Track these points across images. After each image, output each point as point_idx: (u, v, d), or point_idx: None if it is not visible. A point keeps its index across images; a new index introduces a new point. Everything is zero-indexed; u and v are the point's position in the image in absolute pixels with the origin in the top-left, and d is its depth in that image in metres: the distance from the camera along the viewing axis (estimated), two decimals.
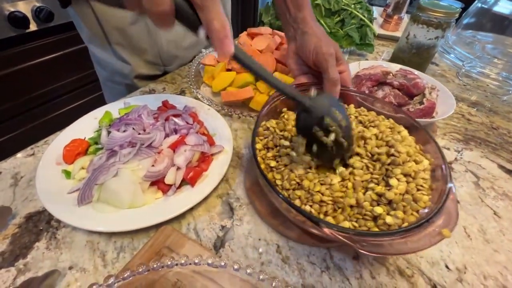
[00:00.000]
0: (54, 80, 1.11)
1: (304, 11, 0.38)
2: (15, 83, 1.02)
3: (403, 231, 0.21)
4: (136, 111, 0.35)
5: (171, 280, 0.23)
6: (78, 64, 1.13)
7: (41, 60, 1.06)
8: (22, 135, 1.09)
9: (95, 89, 1.23)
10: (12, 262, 0.25)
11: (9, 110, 1.04)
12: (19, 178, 0.32)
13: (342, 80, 0.35)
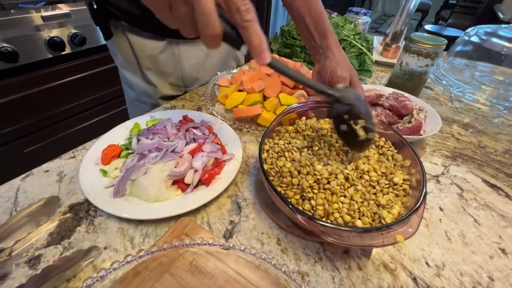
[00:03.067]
0: (82, 95, 1.23)
1: (328, 39, 0.44)
2: (50, 97, 1.14)
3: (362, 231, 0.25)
4: (162, 123, 0.42)
5: (188, 259, 0.28)
6: (104, 82, 1.25)
7: (72, 78, 1.17)
8: (55, 142, 1.19)
9: (118, 105, 1.34)
10: (59, 241, 0.30)
11: (46, 119, 1.15)
12: (63, 175, 0.38)
13: None
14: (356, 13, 0.86)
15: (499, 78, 0.62)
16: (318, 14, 0.44)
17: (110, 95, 1.31)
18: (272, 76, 0.55)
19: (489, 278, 0.30)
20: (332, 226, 0.25)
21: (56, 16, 1.05)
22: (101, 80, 1.25)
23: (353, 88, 0.38)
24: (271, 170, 0.32)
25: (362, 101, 0.32)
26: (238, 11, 0.21)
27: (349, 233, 0.25)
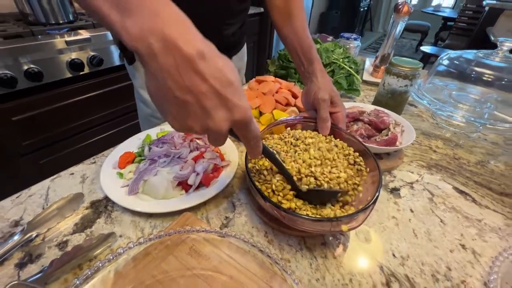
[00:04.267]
0: (96, 111, 1.33)
1: (314, 65, 0.50)
2: (67, 113, 1.24)
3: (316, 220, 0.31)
4: (170, 134, 0.49)
5: (189, 244, 0.33)
6: (116, 99, 1.36)
7: (88, 96, 1.28)
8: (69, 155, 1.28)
9: (128, 120, 1.44)
10: (82, 229, 0.37)
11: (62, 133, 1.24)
12: (86, 177, 0.45)
13: (335, 119, 0.47)
14: (347, 38, 0.95)
15: (475, 97, 0.68)
16: (307, 45, 0.52)
17: (122, 111, 1.41)
18: (267, 95, 0.62)
19: (447, 268, 0.35)
20: (289, 213, 0.31)
21: (78, 40, 1.17)
22: (114, 97, 1.36)
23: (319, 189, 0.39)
24: (253, 168, 0.38)
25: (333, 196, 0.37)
26: (249, 144, 0.28)
27: (303, 220, 0.30)
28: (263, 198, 0.33)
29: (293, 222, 0.32)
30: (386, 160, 0.52)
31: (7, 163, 1.19)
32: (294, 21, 0.53)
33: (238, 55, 0.74)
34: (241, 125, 0.25)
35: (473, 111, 0.65)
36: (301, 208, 0.35)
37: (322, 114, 0.44)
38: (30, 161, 1.23)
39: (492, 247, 0.38)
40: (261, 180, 0.37)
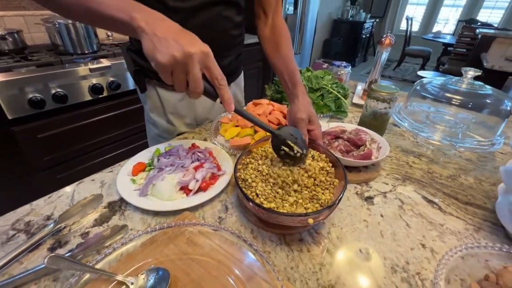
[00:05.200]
0: (111, 130, 1.45)
1: (297, 88, 0.60)
2: (85, 131, 1.36)
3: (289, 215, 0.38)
4: (176, 148, 0.58)
5: (186, 236, 0.41)
6: (129, 120, 1.48)
7: (105, 116, 1.41)
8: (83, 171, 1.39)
9: (138, 139, 1.55)
10: (101, 223, 0.44)
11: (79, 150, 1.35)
12: (104, 183, 0.54)
13: (313, 135, 0.56)
14: (338, 66, 1.05)
15: (449, 118, 0.75)
16: (292, 71, 0.62)
17: (133, 131, 1.53)
18: (261, 116, 0.71)
19: (405, 262, 0.41)
20: (268, 210, 0.38)
21: (100, 68, 1.32)
22: (127, 118, 1.49)
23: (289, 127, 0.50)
24: (240, 176, 0.46)
25: (295, 134, 0.47)
26: (217, 79, 0.38)
27: (279, 216, 0.38)
28: (248, 200, 0.40)
29: (272, 218, 0.40)
30: (364, 172, 0.59)
31: (28, 177, 1.30)
32: (281, 50, 0.64)
33: (235, 82, 0.84)
34: (203, 54, 0.36)
35: (449, 131, 0.72)
36: (278, 207, 0.42)
37: (301, 132, 0.53)
38: (48, 176, 1.34)
39: (449, 247, 0.43)
40: (246, 186, 0.45)
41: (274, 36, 0.67)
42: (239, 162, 0.48)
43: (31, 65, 1.20)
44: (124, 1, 0.39)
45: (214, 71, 0.38)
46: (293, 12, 2.61)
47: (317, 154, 0.51)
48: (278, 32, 0.68)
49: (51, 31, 1.33)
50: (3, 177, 1.22)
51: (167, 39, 0.35)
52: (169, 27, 0.37)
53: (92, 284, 0.34)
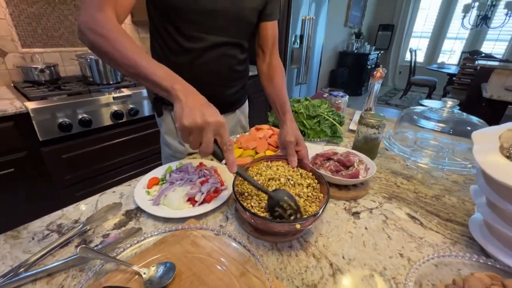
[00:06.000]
0: (127, 152, 1.57)
1: (286, 115, 0.70)
2: (104, 153, 1.48)
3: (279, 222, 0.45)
4: (185, 165, 0.66)
5: (191, 238, 0.47)
6: (145, 143, 1.60)
7: (123, 139, 1.53)
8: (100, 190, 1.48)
9: (152, 161, 1.66)
10: (119, 227, 0.52)
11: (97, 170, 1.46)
12: (123, 195, 0.62)
13: (300, 155, 0.64)
14: (335, 95, 1.15)
15: (435, 143, 0.81)
16: (283, 101, 0.72)
17: (148, 153, 1.65)
18: (262, 139, 0.80)
19: (383, 268, 0.46)
20: (261, 218, 0.45)
21: (122, 96, 1.47)
22: (143, 141, 1.61)
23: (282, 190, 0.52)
24: (237, 190, 0.53)
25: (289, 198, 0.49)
26: (225, 144, 0.47)
27: (268, 222, 0.44)
28: (244, 209, 0.47)
29: (264, 225, 0.46)
30: (353, 190, 0.65)
31: (50, 194, 1.40)
32: (275, 83, 0.75)
33: (240, 109, 0.95)
34: (218, 125, 0.45)
35: (435, 155, 0.78)
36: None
37: (289, 152, 0.61)
38: (68, 193, 1.44)
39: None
40: (243, 198, 0.52)
41: (270, 71, 0.79)
42: (237, 178, 0.56)
43: (63, 94, 1.36)
44: (168, 72, 0.50)
45: (224, 137, 0.47)
46: (299, 46, 2.82)
47: (304, 172, 0.58)
48: (273, 68, 0.80)
49: (83, 64, 1.52)
50: (30, 194, 1.32)
51: (194, 109, 0.45)
52: (198, 100, 0.47)
53: (111, 274, 0.41)
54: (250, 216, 0.47)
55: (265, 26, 0.80)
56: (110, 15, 0.54)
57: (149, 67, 0.49)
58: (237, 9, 0.70)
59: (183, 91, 0.47)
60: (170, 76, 0.49)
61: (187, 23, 0.68)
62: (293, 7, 2.52)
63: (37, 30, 1.57)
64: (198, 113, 0.44)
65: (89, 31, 0.52)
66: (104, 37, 0.51)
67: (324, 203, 0.48)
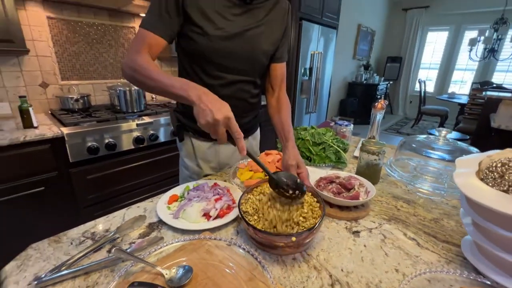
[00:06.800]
0: (147, 174, 1.67)
1: (288, 142, 0.80)
2: (125, 175, 1.59)
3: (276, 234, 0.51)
4: (202, 185, 0.74)
5: (205, 247, 0.54)
6: (163, 166, 1.71)
7: (143, 162, 1.65)
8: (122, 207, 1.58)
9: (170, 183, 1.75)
10: (143, 237, 0.59)
11: (117, 191, 1.56)
12: (146, 209, 0.70)
13: (301, 177, 0.71)
14: (340, 124, 1.23)
15: (433, 169, 0.86)
16: (287, 130, 0.82)
17: (166, 175, 1.75)
18: (271, 163, 0.88)
19: (379, 281, 0.50)
20: (262, 231, 0.51)
21: (144, 123, 1.61)
22: (161, 164, 1.72)
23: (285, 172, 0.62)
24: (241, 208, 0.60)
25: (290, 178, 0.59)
26: (234, 134, 0.57)
27: (267, 235, 0.50)
28: (248, 224, 0.54)
29: (265, 238, 0.52)
30: (354, 211, 0.70)
31: (72, 212, 1.50)
32: (281, 114, 0.86)
33: (253, 136, 1.05)
34: (226, 119, 0.55)
35: (435, 181, 0.83)
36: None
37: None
38: (88, 212, 1.54)
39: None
40: (247, 215, 0.59)
41: (277, 105, 0.91)
42: (243, 197, 0.63)
43: (93, 120, 1.52)
44: (183, 82, 0.63)
45: (233, 129, 0.57)
46: (308, 78, 2.98)
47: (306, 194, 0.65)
48: (281, 102, 0.92)
49: (113, 94, 1.70)
50: (54, 211, 1.43)
51: (206, 110, 0.55)
52: (210, 99, 0.57)
53: (137, 274, 0.47)
54: (252, 230, 0.53)
55: (275, 67, 0.93)
56: (144, 55, 0.70)
57: (169, 82, 0.63)
58: (252, 53, 0.83)
59: (197, 95, 0.58)
60: (185, 85, 0.61)
61: (210, 65, 0.81)
62: (303, 42, 2.73)
63: (75, 65, 1.80)
64: (209, 112, 0.55)
65: (127, 67, 0.69)
66: (137, 70, 0.68)
67: (320, 220, 0.54)
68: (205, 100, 0.57)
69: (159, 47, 0.74)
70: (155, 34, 0.71)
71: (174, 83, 0.62)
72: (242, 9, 0.79)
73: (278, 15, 0.87)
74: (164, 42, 0.74)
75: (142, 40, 0.71)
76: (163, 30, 0.72)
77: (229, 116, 0.56)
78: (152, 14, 0.72)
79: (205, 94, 0.59)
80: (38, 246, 0.56)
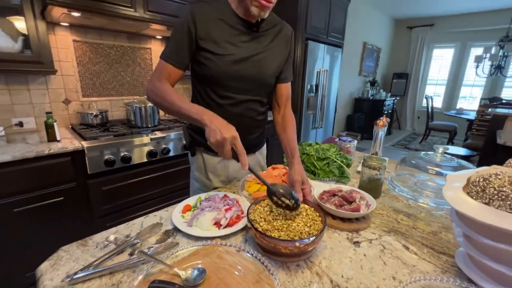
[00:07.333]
0: (158, 186, 1.74)
1: (294, 158, 0.86)
2: (138, 187, 1.66)
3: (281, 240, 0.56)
4: (213, 196, 0.81)
5: (217, 253, 0.59)
6: (175, 178, 1.78)
7: (156, 175, 1.72)
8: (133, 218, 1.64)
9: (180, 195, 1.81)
10: (160, 242, 0.65)
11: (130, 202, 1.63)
12: (162, 217, 0.76)
13: (304, 192, 0.76)
14: (344, 140, 1.29)
15: (432, 184, 0.90)
16: (293, 147, 0.89)
17: (177, 187, 1.82)
18: (277, 177, 0.93)
19: (376, 287, 0.54)
20: (268, 236, 0.57)
21: (157, 138, 1.70)
22: (173, 176, 1.79)
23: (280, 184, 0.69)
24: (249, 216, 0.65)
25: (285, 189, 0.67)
26: (239, 151, 0.64)
27: (275, 240, 0.56)
28: (255, 230, 0.59)
29: (271, 242, 0.57)
30: (355, 223, 0.75)
31: (86, 221, 1.57)
32: (287, 132, 0.93)
33: (259, 151, 1.11)
34: (233, 138, 0.64)
35: (435, 196, 0.86)
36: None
37: (296, 189, 0.75)
38: (101, 222, 1.61)
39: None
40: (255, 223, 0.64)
41: (283, 122, 0.99)
42: (251, 208, 0.69)
43: (111, 135, 1.62)
44: (199, 108, 0.74)
45: (238, 147, 0.66)
46: (314, 94, 3.07)
47: (309, 208, 0.70)
48: (286, 120, 0.99)
49: (129, 110, 1.81)
50: (70, 220, 1.50)
51: (216, 130, 0.66)
52: (219, 123, 0.68)
53: (156, 274, 0.53)
54: (258, 235, 0.58)
55: (281, 87, 1.01)
56: (165, 83, 0.82)
57: (187, 108, 0.75)
58: (259, 76, 0.92)
59: (209, 119, 0.69)
60: (200, 111, 0.73)
61: (221, 86, 0.89)
62: (308, 61, 2.84)
63: (96, 83, 1.93)
64: (219, 132, 0.65)
65: (152, 93, 0.81)
66: (159, 96, 0.80)
67: (321, 231, 0.59)
68: (216, 122, 0.67)
69: (176, 75, 0.86)
70: (173, 66, 0.84)
71: (191, 109, 0.74)
72: (249, 36, 0.89)
73: (282, 41, 0.96)
74: (181, 71, 0.87)
75: (162, 70, 0.84)
76: (180, 62, 0.85)
77: (235, 135, 0.66)
78: (171, 48, 0.84)
79: (216, 118, 0.70)
80: (67, 248, 0.62)
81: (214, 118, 0.69)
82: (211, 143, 0.66)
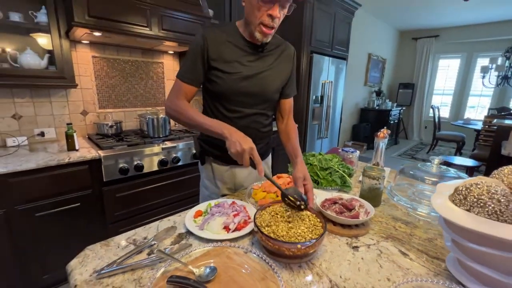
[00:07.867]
0: (168, 193, 1.82)
1: (297, 158, 0.94)
2: (149, 194, 1.74)
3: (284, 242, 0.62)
4: (222, 202, 0.87)
5: (226, 254, 0.65)
6: (184, 186, 1.85)
7: (166, 182, 1.80)
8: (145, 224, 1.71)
9: (189, 202, 1.88)
10: (174, 244, 0.72)
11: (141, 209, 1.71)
12: (176, 222, 0.83)
13: (306, 188, 0.84)
14: (347, 151, 1.34)
15: (430, 194, 0.94)
16: (296, 152, 0.97)
17: (187, 195, 1.89)
18: (282, 185, 0.99)
19: (372, 287, 0.59)
20: (272, 238, 0.62)
21: (168, 147, 1.79)
22: (183, 184, 1.87)
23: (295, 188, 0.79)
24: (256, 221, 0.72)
25: (296, 192, 0.74)
26: (256, 160, 0.72)
27: (277, 242, 0.62)
28: (261, 233, 0.65)
29: (275, 244, 0.63)
30: (355, 229, 0.80)
31: (100, 227, 1.65)
32: (290, 139, 1.04)
33: (265, 161, 1.18)
34: (250, 149, 0.73)
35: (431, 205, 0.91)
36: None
37: (297, 184, 0.82)
38: (113, 228, 1.68)
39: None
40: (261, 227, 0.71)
41: (287, 130, 1.09)
42: (257, 213, 0.75)
43: (125, 144, 1.71)
44: (219, 123, 0.85)
45: (255, 156, 0.75)
46: (320, 105, 3.14)
47: (311, 215, 0.76)
48: (289, 128, 1.10)
49: (142, 121, 1.91)
50: (85, 226, 1.58)
51: (236, 142, 0.75)
52: (238, 136, 0.78)
53: (172, 272, 0.59)
54: (265, 238, 0.64)
55: (284, 102, 1.11)
56: (183, 100, 0.92)
57: (207, 122, 0.86)
58: (264, 92, 1.00)
59: (229, 132, 0.79)
60: (220, 125, 0.84)
61: (229, 101, 0.98)
62: (313, 73, 2.93)
63: (111, 96, 2.05)
64: (238, 144, 0.75)
65: (171, 109, 0.91)
66: (178, 112, 0.90)
67: (321, 235, 0.65)
68: (235, 136, 0.77)
69: (192, 92, 0.97)
70: (188, 84, 0.94)
71: (211, 123, 0.85)
72: (255, 56, 0.98)
73: (285, 60, 1.06)
74: (196, 88, 0.97)
75: (179, 88, 0.94)
76: (195, 80, 0.95)
77: (252, 146, 0.75)
78: (186, 68, 0.94)
79: (235, 131, 0.79)
80: (92, 248, 0.70)
81: (233, 131, 0.79)
82: (232, 153, 0.76)
